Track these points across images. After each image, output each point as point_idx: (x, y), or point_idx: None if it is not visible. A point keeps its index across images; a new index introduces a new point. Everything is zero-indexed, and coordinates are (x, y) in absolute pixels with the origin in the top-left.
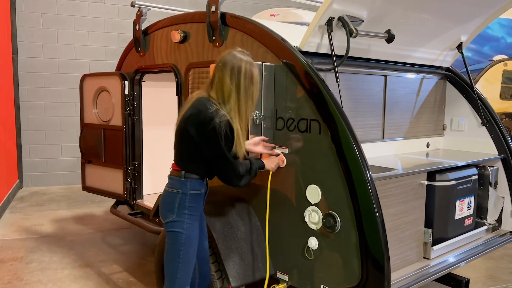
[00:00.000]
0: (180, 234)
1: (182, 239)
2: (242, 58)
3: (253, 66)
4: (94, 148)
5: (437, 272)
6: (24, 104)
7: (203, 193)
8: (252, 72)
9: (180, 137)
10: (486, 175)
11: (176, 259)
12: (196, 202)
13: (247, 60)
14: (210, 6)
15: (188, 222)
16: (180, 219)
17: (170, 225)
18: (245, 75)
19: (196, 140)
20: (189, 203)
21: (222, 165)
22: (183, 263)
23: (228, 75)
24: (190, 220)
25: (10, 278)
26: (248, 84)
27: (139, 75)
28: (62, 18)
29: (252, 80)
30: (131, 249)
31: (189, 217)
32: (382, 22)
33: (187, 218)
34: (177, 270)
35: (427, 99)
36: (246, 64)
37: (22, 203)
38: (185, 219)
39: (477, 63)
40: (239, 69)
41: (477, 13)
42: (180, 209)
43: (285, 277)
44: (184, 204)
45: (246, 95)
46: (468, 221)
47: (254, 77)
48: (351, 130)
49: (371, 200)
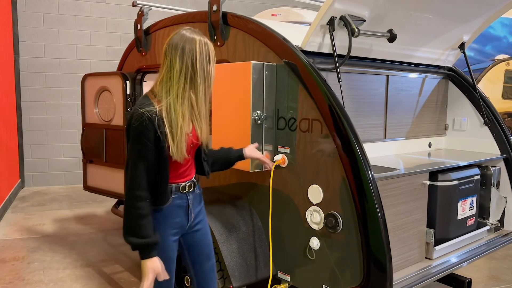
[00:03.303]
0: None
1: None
2: (194, 37)
3: (209, 43)
4: (95, 148)
5: (439, 272)
6: (26, 104)
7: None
8: (209, 49)
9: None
10: (488, 175)
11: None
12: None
13: (200, 38)
14: (212, 5)
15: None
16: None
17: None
18: (200, 54)
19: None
20: (161, 219)
21: (127, 168)
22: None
23: (179, 56)
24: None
25: (12, 278)
26: (206, 64)
27: (140, 75)
28: (63, 18)
29: (209, 59)
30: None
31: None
32: (384, 22)
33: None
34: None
35: (429, 98)
36: (201, 42)
37: (24, 203)
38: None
39: (479, 63)
40: (193, 48)
41: (479, 12)
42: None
43: (287, 277)
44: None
45: (204, 76)
46: (470, 221)
47: (211, 55)
48: (353, 130)
49: (373, 200)
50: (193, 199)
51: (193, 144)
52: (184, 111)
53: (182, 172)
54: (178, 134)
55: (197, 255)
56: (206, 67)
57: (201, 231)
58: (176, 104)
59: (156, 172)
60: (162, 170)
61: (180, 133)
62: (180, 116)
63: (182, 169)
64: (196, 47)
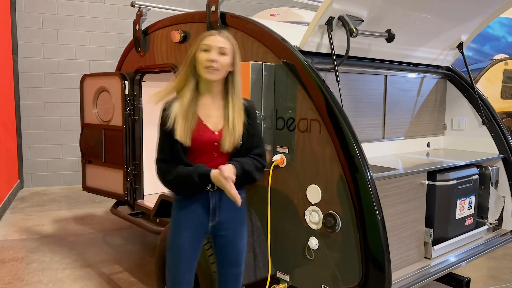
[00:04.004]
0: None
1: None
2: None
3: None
4: (94, 148)
5: (437, 272)
6: (25, 104)
7: (190, 199)
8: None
9: None
10: (486, 174)
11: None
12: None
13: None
14: (210, 6)
15: (174, 229)
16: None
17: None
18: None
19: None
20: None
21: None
22: (169, 270)
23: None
24: (174, 225)
25: (11, 278)
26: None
27: (139, 75)
28: (62, 18)
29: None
30: (131, 249)
31: (175, 225)
32: (382, 22)
33: (174, 225)
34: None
35: (427, 98)
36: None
37: (23, 204)
38: (173, 226)
39: (478, 62)
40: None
41: (477, 12)
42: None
43: (286, 277)
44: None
45: (186, 58)
46: (469, 220)
47: (195, 41)
48: (351, 129)
49: (371, 200)
50: (220, 201)
51: (217, 142)
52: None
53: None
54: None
55: (222, 259)
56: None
57: (226, 238)
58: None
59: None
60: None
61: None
62: (179, 103)
63: (207, 166)
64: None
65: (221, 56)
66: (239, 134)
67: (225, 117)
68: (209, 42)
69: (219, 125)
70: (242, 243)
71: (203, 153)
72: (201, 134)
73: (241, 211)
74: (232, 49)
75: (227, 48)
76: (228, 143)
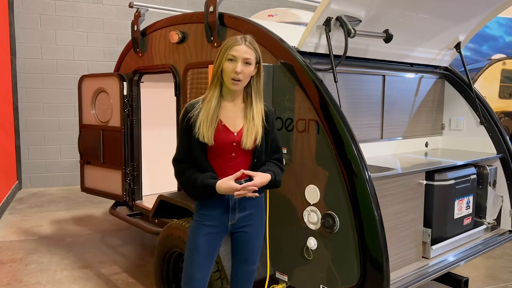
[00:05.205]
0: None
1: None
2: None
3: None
4: (93, 149)
5: (436, 271)
6: (23, 105)
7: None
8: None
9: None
10: (484, 174)
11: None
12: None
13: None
14: (208, 6)
15: (193, 227)
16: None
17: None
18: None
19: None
20: (198, 209)
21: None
22: (185, 265)
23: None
24: (194, 222)
25: (9, 279)
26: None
27: (137, 76)
28: (60, 19)
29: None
30: (130, 250)
31: (195, 223)
32: (380, 22)
33: (194, 222)
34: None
35: (425, 98)
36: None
37: (21, 205)
38: (193, 223)
39: (476, 62)
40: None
41: (475, 12)
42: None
43: (284, 277)
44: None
45: (213, 69)
46: (467, 220)
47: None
48: (349, 130)
49: (369, 200)
50: (239, 200)
51: (236, 143)
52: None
53: (225, 169)
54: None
55: (237, 254)
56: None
57: (245, 235)
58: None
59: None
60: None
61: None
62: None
63: (226, 166)
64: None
65: (246, 66)
66: (259, 132)
67: (245, 117)
68: (235, 53)
69: (238, 126)
70: (258, 242)
71: (222, 153)
72: (220, 135)
73: (261, 211)
74: (255, 56)
75: (252, 58)
76: (249, 140)
